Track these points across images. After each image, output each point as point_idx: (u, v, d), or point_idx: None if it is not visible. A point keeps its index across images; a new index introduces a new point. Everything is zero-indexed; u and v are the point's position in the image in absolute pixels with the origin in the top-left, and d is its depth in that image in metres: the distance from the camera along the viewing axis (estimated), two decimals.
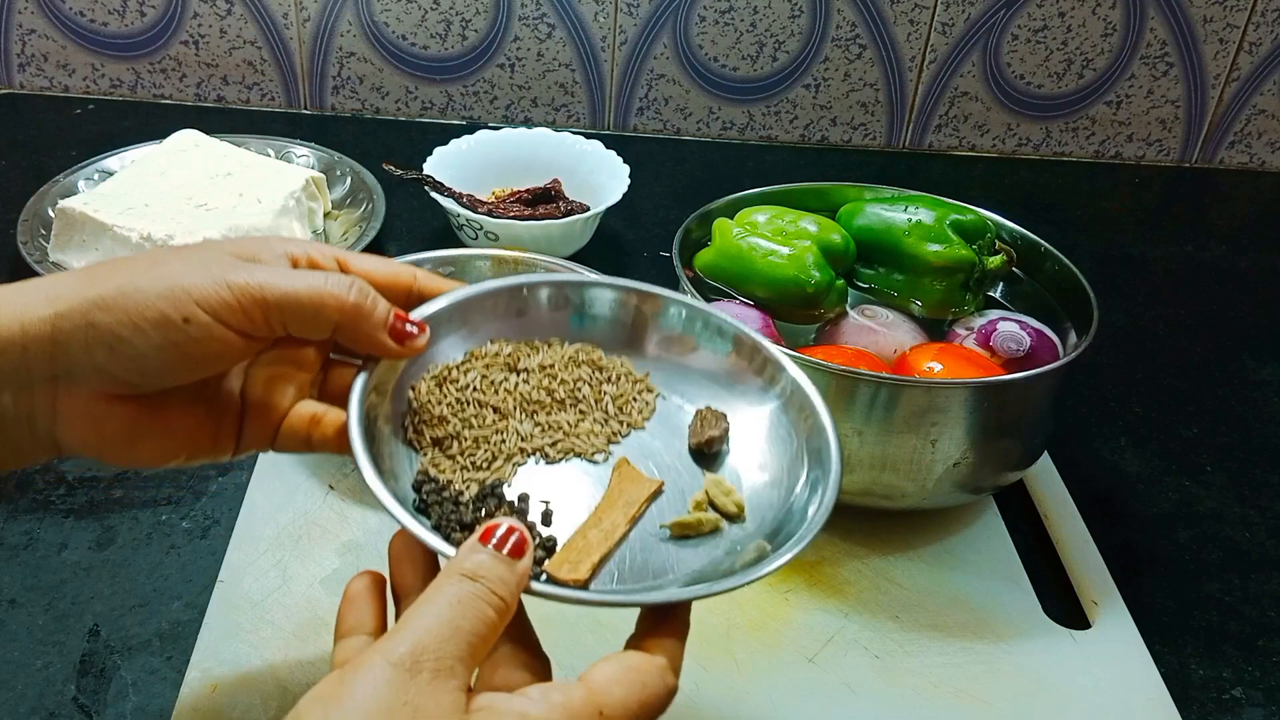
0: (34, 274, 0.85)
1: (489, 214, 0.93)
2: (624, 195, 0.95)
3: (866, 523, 0.71)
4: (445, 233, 0.98)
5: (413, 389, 0.52)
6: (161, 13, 1.15)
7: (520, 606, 0.42)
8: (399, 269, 0.50)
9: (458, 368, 0.53)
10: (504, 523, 0.42)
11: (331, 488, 0.71)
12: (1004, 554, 0.70)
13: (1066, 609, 0.68)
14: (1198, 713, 0.62)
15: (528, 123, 1.23)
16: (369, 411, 0.48)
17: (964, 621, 0.65)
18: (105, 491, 0.71)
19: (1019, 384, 0.65)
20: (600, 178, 0.99)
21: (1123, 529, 0.74)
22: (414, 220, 1.02)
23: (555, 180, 1.00)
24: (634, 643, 0.43)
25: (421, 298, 0.51)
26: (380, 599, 0.45)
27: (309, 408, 0.48)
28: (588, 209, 0.95)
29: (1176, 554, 0.73)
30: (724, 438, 0.54)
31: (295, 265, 0.47)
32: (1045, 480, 0.76)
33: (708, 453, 0.54)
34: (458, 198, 0.95)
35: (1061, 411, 0.71)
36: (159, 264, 0.43)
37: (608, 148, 1.01)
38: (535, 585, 0.43)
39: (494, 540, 0.41)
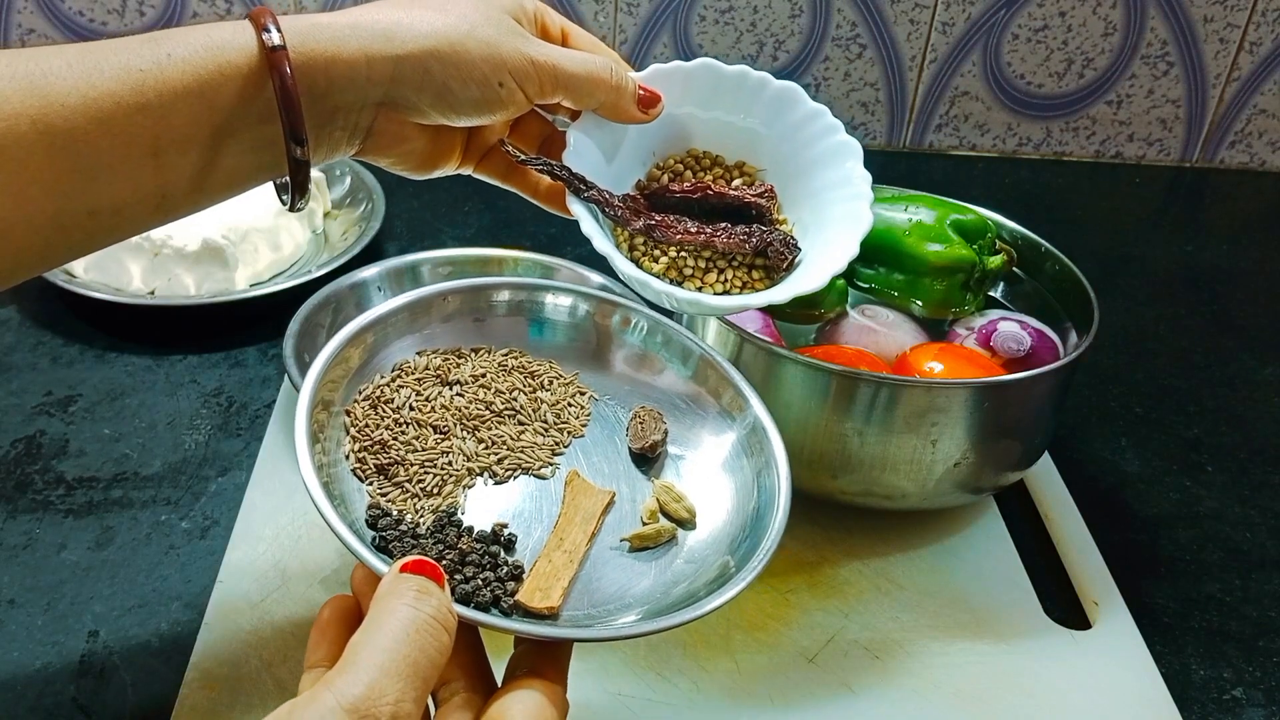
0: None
1: (653, 232, 0.55)
2: None
3: (866, 523, 0.70)
4: (444, 232, 0.98)
5: (348, 413, 0.50)
6: (161, 11, 1.15)
7: (477, 633, 0.42)
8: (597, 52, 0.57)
9: (389, 385, 0.52)
10: (415, 557, 0.41)
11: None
12: (1004, 554, 0.70)
13: (1066, 609, 0.68)
14: (1198, 713, 0.62)
15: None
16: (316, 431, 0.47)
17: (964, 621, 0.65)
18: (104, 492, 0.70)
19: (1019, 384, 0.65)
20: None
21: (1123, 529, 0.74)
22: (413, 220, 1.02)
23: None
24: (533, 671, 0.42)
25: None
26: (351, 628, 0.43)
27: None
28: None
29: (1177, 554, 0.73)
30: (665, 440, 0.54)
31: (546, 35, 0.55)
32: (1045, 480, 0.76)
33: (651, 457, 0.53)
34: (606, 203, 0.55)
35: (1061, 411, 0.71)
36: (477, 26, 0.51)
37: None
38: (510, 623, 0.42)
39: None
